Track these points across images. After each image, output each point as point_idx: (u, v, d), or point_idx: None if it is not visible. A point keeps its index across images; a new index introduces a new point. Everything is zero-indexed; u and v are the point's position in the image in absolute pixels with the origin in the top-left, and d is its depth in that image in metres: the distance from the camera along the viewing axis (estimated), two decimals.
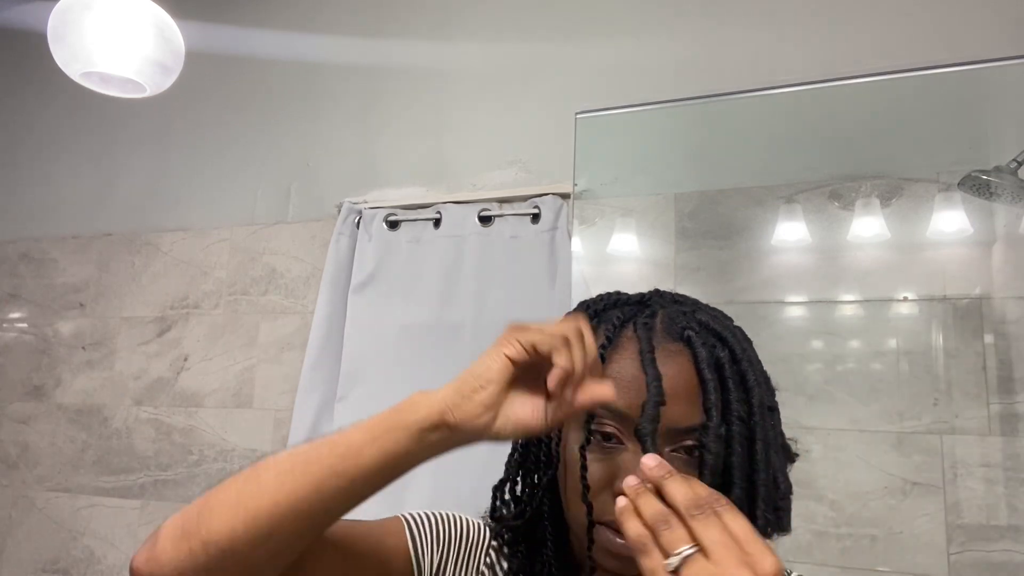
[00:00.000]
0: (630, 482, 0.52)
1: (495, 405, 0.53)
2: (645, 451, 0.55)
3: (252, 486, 0.55)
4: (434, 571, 0.69)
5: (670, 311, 0.65)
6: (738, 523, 0.47)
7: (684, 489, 0.49)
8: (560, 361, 0.53)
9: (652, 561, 0.47)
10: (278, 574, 0.58)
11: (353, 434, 0.55)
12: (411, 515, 0.71)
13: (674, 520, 0.48)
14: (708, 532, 0.46)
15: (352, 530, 0.66)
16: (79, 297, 2.26)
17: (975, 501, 1.35)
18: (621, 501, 0.51)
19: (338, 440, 0.55)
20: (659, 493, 0.50)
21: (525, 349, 0.53)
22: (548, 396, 0.55)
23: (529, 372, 0.55)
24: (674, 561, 0.46)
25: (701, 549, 0.46)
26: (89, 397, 2.19)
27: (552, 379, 0.53)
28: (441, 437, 0.54)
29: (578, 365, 0.53)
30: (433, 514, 0.72)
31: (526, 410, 0.55)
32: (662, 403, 0.57)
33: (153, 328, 2.14)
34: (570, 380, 0.54)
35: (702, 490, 0.49)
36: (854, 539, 1.40)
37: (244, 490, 0.55)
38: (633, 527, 0.49)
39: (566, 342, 0.54)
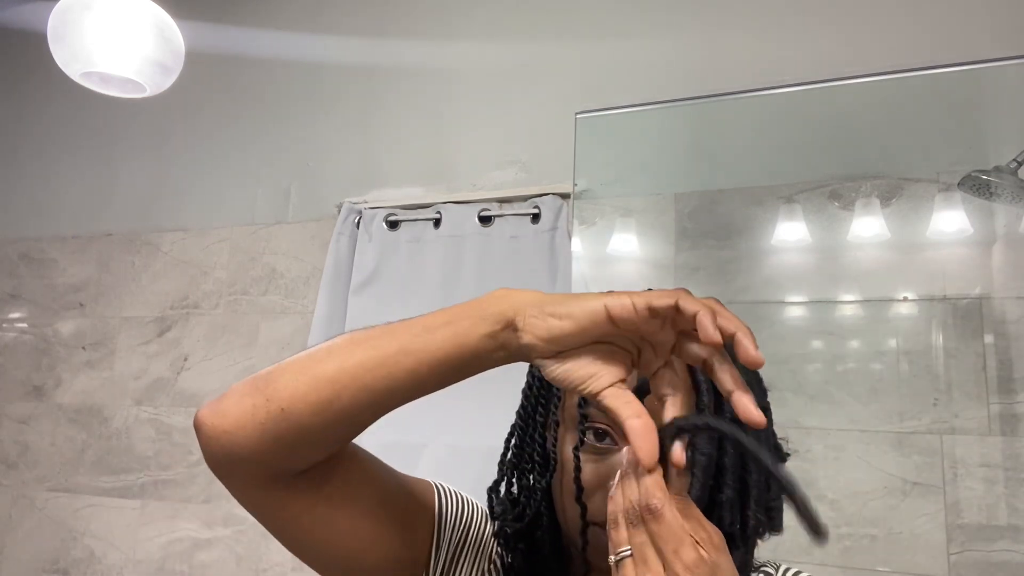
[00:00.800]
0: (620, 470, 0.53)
1: (564, 343, 0.50)
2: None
3: (323, 352, 0.55)
4: (453, 550, 0.69)
5: None
6: (663, 537, 0.47)
7: (628, 493, 0.50)
8: (694, 306, 0.48)
9: (609, 549, 0.50)
10: (333, 450, 0.58)
11: (433, 316, 0.54)
12: (442, 486, 0.71)
13: (622, 519, 0.50)
14: (635, 539, 0.49)
15: (391, 469, 0.67)
16: (79, 297, 2.26)
17: (975, 501, 1.35)
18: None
19: (417, 320, 0.55)
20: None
21: (636, 309, 0.49)
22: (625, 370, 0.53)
23: (623, 341, 0.53)
24: (612, 559, 0.49)
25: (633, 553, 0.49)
26: (89, 397, 2.19)
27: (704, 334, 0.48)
28: (508, 338, 0.52)
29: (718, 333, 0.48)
30: (460, 494, 0.73)
31: (586, 370, 0.51)
32: (647, 392, 0.57)
33: (153, 328, 2.14)
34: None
35: (640, 494, 0.49)
36: (854, 539, 1.40)
37: (315, 355, 0.56)
38: (609, 512, 0.51)
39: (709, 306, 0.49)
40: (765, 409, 0.64)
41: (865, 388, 1.44)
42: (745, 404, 0.48)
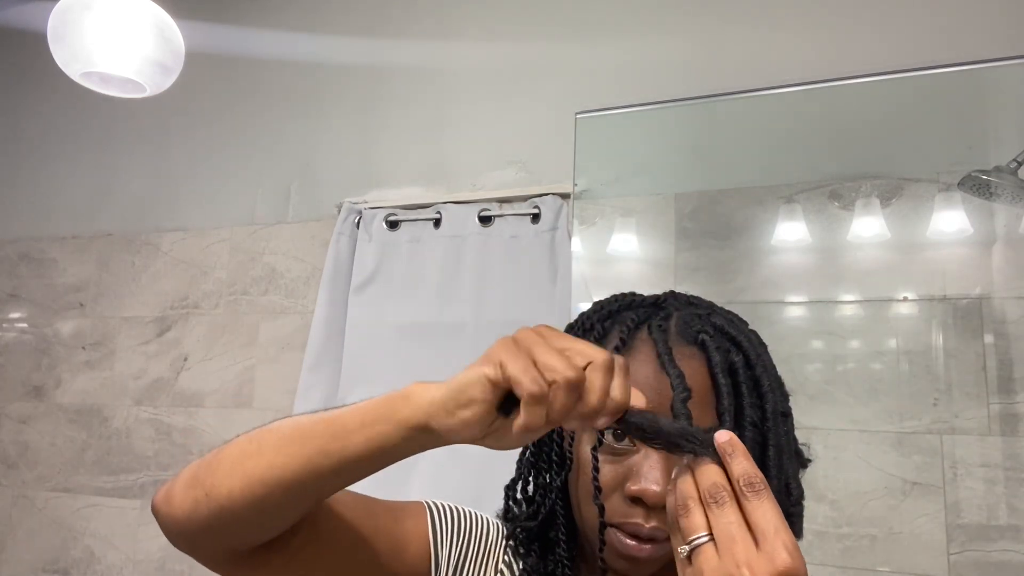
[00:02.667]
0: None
1: (480, 422, 0.49)
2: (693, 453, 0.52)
3: (253, 449, 0.57)
4: (454, 566, 0.68)
5: (685, 314, 0.65)
6: (763, 513, 0.45)
7: (710, 474, 0.48)
8: (529, 415, 0.47)
9: (674, 542, 0.48)
10: (276, 534, 0.59)
11: (348, 416, 0.55)
12: (434, 504, 0.71)
13: (694, 505, 0.47)
14: (720, 522, 0.46)
15: (372, 506, 0.67)
16: (79, 297, 2.26)
17: (975, 501, 1.35)
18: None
19: (334, 419, 0.55)
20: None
21: (503, 381, 0.48)
22: None
23: None
24: (684, 549, 0.46)
25: (713, 539, 0.46)
26: (89, 397, 2.19)
27: (515, 425, 0.48)
28: (428, 438, 0.52)
29: (555, 413, 0.47)
30: (455, 508, 0.72)
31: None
32: (688, 398, 0.56)
33: (153, 328, 2.14)
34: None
35: (741, 470, 0.47)
36: (854, 539, 1.40)
37: (246, 451, 0.57)
38: (669, 505, 0.49)
39: (543, 398, 0.47)
40: (786, 415, 0.64)
41: (865, 388, 1.44)
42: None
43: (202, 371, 2.06)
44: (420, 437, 0.52)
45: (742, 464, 0.47)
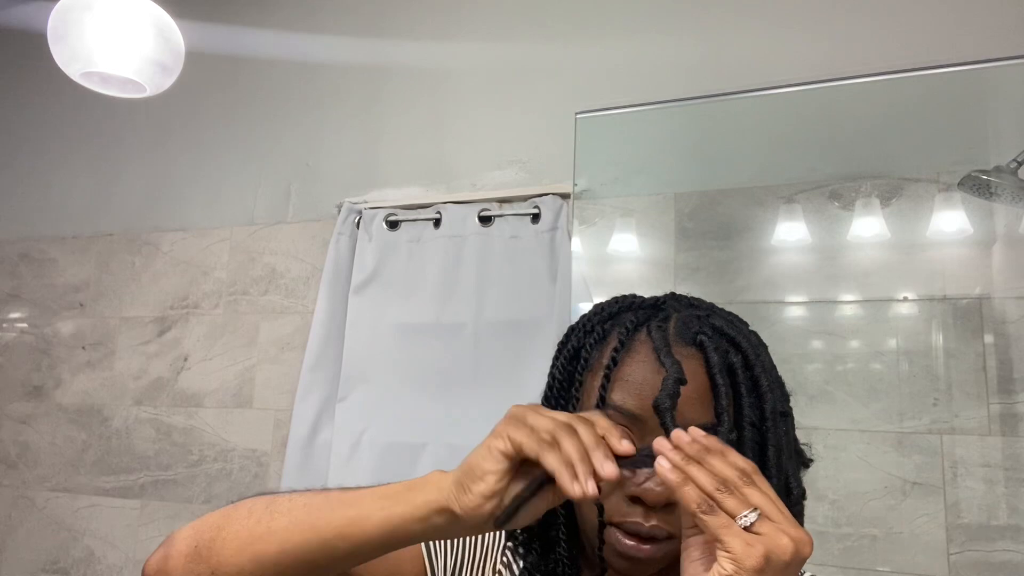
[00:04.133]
0: (665, 450, 0.52)
1: (497, 493, 0.52)
2: (664, 426, 0.55)
3: (263, 528, 0.56)
4: (450, 572, 0.69)
5: (684, 315, 0.65)
6: (771, 490, 0.50)
7: (732, 461, 0.51)
8: (550, 463, 0.51)
9: (720, 519, 0.49)
10: None
11: (366, 500, 0.56)
12: None
13: (725, 490, 0.50)
14: (756, 497, 0.50)
15: None
16: (79, 297, 2.26)
17: (975, 501, 1.35)
18: (665, 465, 0.52)
19: (352, 501, 0.56)
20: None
21: (514, 448, 0.52)
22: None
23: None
24: (751, 517, 0.49)
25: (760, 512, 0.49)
26: (89, 397, 2.19)
27: (561, 488, 0.51)
28: (447, 522, 0.53)
29: (573, 460, 0.51)
30: None
31: (541, 500, 0.54)
32: (683, 382, 0.57)
33: (153, 328, 2.14)
34: (574, 473, 0.52)
35: (739, 460, 0.51)
36: (854, 539, 1.41)
37: (256, 531, 0.57)
38: (692, 493, 0.50)
39: (552, 443, 0.51)
40: (786, 415, 0.64)
41: (865, 388, 1.44)
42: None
43: (202, 371, 2.06)
44: (438, 520, 0.53)
45: (734, 453, 0.51)
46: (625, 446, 0.53)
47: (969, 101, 1.46)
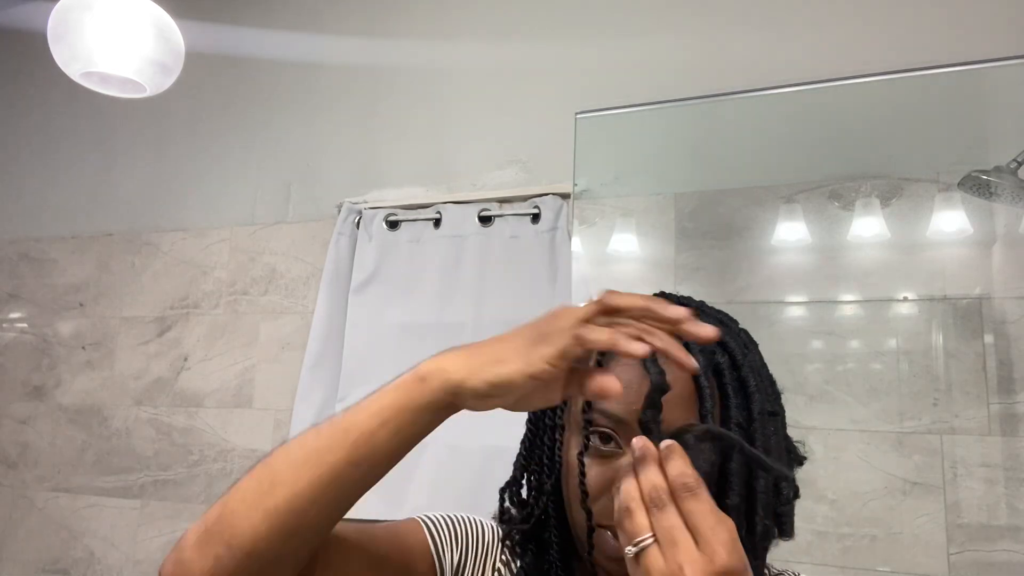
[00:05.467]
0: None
1: (509, 391, 0.52)
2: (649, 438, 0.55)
3: (267, 483, 0.55)
4: (455, 569, 0.69)
5: None
6: (700, 514, 0.47)
7: (649, 477, 0.49)
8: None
9: (622, 542, 0.49)
10: (304, 564, 0.58)
11: (363, 418, 0.54)
12: (427, 516, 0.72)
13: (637, 507, 0.49)
14: (662, 523, 0.48)
15: (372, 531, 0.66)
16: (79, 297, 2.26)
17: (975, 501, 1.35)
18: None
19: (349, 426, 0.54)
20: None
21: (555, 366, 0.50)
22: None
23: None
24: (631, 550, 0.48)
25: (657, 540, 0.47)
26: (89, 397, 2.19)
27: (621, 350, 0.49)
28: (451, 412, 0.54)
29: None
30: (447, 516, 0.73)
31: (539, 391, 0.53)
32: (664, 391, 0.56)
33: (153, 328, 2.14)
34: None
35: (677, 472, 0.49)
36: (854, 539, 1.41)
37: (261, 488, 0.55)
38: (615, 509, 0.50)
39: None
40: (775, 414, 0.64)
41: (865, 388, 1.44)
42: (694, 329, 0.50)
43: (202, 371, 2.06)
44: (446, 412, 0.54)
45: (677, 466, 0.49)
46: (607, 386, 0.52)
47: (969, 101, 1.46)
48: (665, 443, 0.50)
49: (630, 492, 0.49)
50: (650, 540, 0.48)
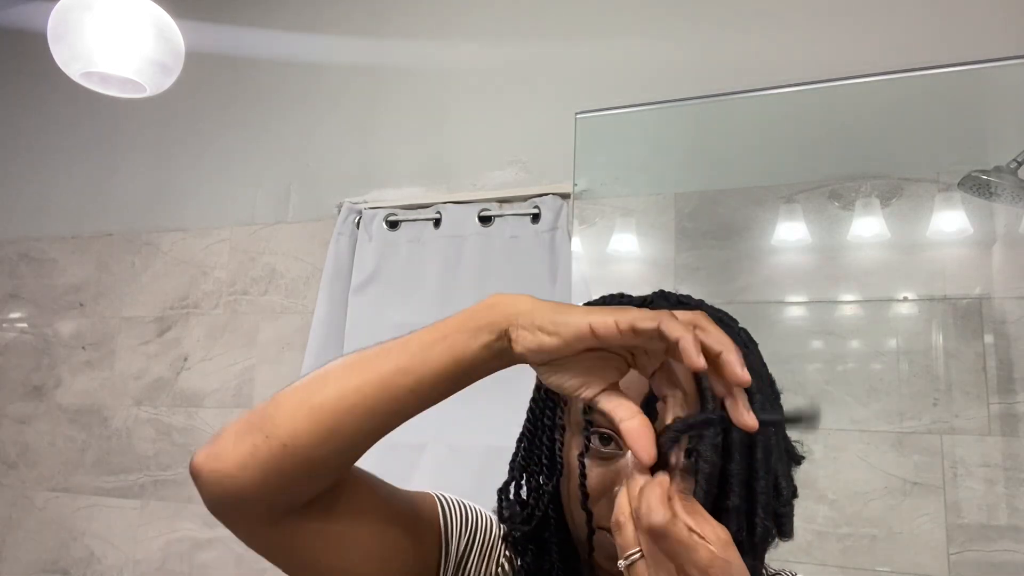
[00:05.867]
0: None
1: (551, 353, 0.51)
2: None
3: (318, 382, 0.55)
4: (459, 556, 0.69)
5: None
6: (678, 542, 0.47)
7: (634, 492, 0.49)
8: (680, 340, 0.47)
9: (619, 554, 0.49)
10: (338, 478, 0.58)
11: (424, 333, 0.54)
12: (443, 496, 0.72)
13: (626, 521, 0.49)
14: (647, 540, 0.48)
15: (392, 489, 0.67)
16: (79, 297, 2.26)
17: (975, 501, 1.35)
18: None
19: (409, 339, 0.55)
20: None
21: (620, 329, 0.48)
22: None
23: (616, 348, 0.51)
24: (622, 563, 0.48)
25: (643, 554, 0.48)
26: (89, 397, 2.19)
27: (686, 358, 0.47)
28: (504, 348, 0.52)
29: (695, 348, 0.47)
30: (462, 502, 0.73)
31: (579, 378, 0.51)
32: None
33: (153, 328, 2.14)
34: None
35: (656, 506, 0.48)
36: (854, 539, 1.40)
37: (310, 386, 0.55)
38: (611, 522, 0.50)
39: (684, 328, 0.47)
40: (776, 413, 0.64)
41: (865, 388, 1.44)
42: (739, 410, 0.48)
43: (202, 371, 2.06)
44: (498, 345, 0.52)
45: (648, 501, 0.48)
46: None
47: (969, 101, 1.46)
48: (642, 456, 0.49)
49: (622, 505, 0.50)
50: (638, 555, 0.48)
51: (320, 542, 0.60)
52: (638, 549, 0.48)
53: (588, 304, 0.69)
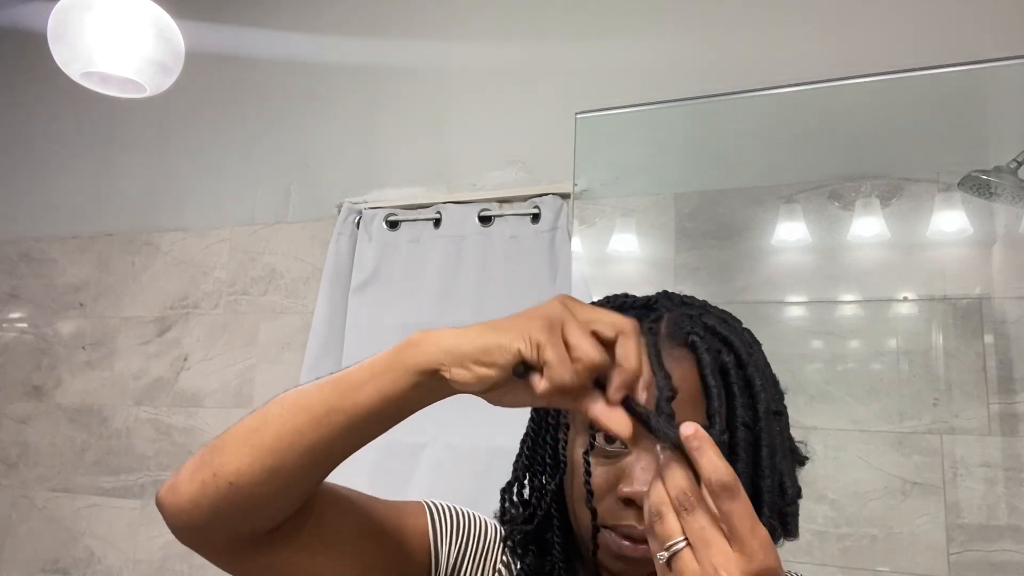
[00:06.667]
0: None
1: (494, 383, 0.50)
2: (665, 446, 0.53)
3: (259, 421, 0.56)
4: (452, 565, 0.69)
5: (676, 315, 0.65)
6: (738, 515, 0.45)
7: (676, 480, 0.47)
8: (551, 392, 0.48)
9: (652, 548, 0.48)
10: (287, 514, 0.58)
11: (356, 371, 0.55)
12: (433, 503, 0.71)
13: (667, 510, 0.47)
14: (692, 525, 0.46)
15: (375, 501, 0.67)
16: (79, 297, 2.26)
17: (975, 501, 1.35)
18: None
19: (342, 376, 0.55)
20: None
21: (537, 358, 0.49)
22: None
23: None
24: (663, 555, 0.47)
25: (689, 543, 0.46)
26: (89, 397, 2.19)
27: (539, 390, 0.49)
28: (435, 384, 0.52)
29: (575, 389, 0.49)
30: (454, 508, 0.72)
31: (526, 396, 0.51)
32: (672, 397, 0.55)
33: (153, 328, 2.14)
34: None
35: (711, 469, 0.46)
36: (854, 539, 1.41)
37: (251, 426, 0.56)
38: (645, 514, 0.48)
39: (576, 375, 0.48)
40: (780, 413, 0.64)
41: (865, 388, 1.44)
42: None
43: (202, 371, 2.06)
44: (429, 383, 0.52)
45: (713, 462, 0.46)
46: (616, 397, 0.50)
47: (969, 101, 1.46)
48: (690, 430, 0.47)
49: (660, 496, 0.48)
50: (682, 543, 0.46)
51: (291, 567, 0.61)
52: (683, 538, 0.46)
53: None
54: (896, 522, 1.38)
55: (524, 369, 0.50)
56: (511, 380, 0.50)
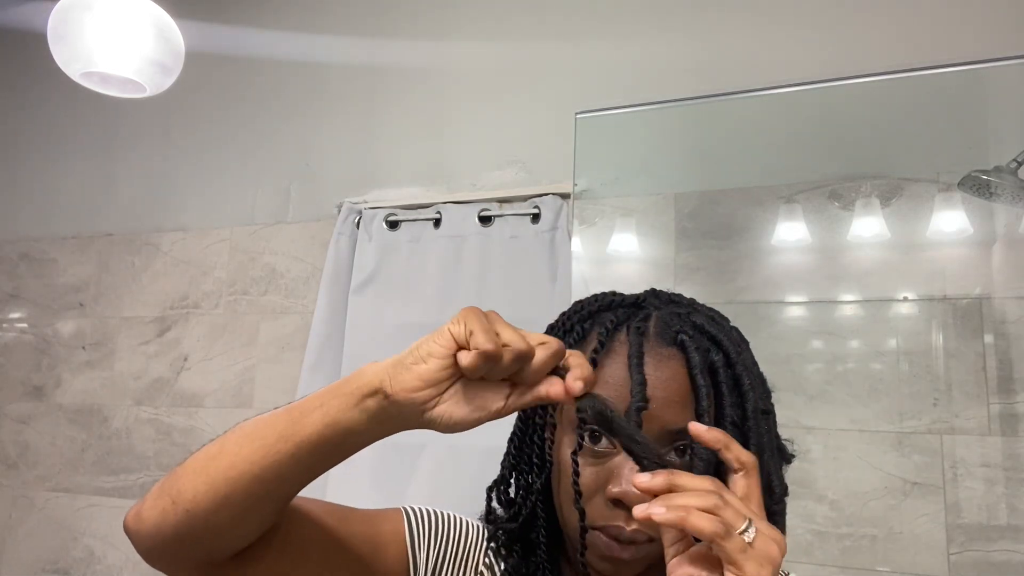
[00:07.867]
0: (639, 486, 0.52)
1: (436, 382, 0.51)
2: (633, 456, 0.54)
3: (215, 450, 0.57)
4: (431, 568, 0.69)
5: (664, 313, 0.65)
6: (745, 494, 0.52)
7: (700, 483, 0.51)
8: (473, 359, 0.49)
9: (736, 543, 0.48)
10: (247, 541, 0.59)
11: (308, 400, 0.55)
12: (412, 508, 0.71)
13: (731, 498, 0.50)
14: (744, 508, 0.50)
15: (346, 513, 0.67)
16: (79, 297, 2.26)
17: (975, 501, 1.35)
18: (645, 511, 0.50)
19: (296, 405, 0.56)
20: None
21: (465, 336, 0.50)
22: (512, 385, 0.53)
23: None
24: (752, 532, 0.49)
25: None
26: (89, 397, 2.19)
27: (460, 359, 0.50)
28: (380, 406, 0.52)
29: (499, 372, 0.50)
30: (433, 511, 0.72)
31: (472, 404, 0.52)
32: (644, 408, 0.57)
33: (153, 328, 2.14)
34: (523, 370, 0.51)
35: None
36: (854, 539, 1.41)
37: (209, 453, 0.57)
38: (704, 522, 0.48)
39: (499, 345, 0.49)
40: (767, 412, 0.64)
41: (865, 388, 1.44)
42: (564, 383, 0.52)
43: (202, 371, 2.06)
44: (372, 404, 0.52)
45: (741, 449, 0.54)
46: (576, 387, 0.51)
47: (969, 101, 1.46)
48: (714, 434, 0.53)
49: (701, 501, 0.49)
50: (748, 521, 0.49)
51: None
52: (747, 518, 0.49)
53: (578, 303, 0.69)
54: (896, 522, 1.38)
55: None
56: (453, 376, 0.51)
